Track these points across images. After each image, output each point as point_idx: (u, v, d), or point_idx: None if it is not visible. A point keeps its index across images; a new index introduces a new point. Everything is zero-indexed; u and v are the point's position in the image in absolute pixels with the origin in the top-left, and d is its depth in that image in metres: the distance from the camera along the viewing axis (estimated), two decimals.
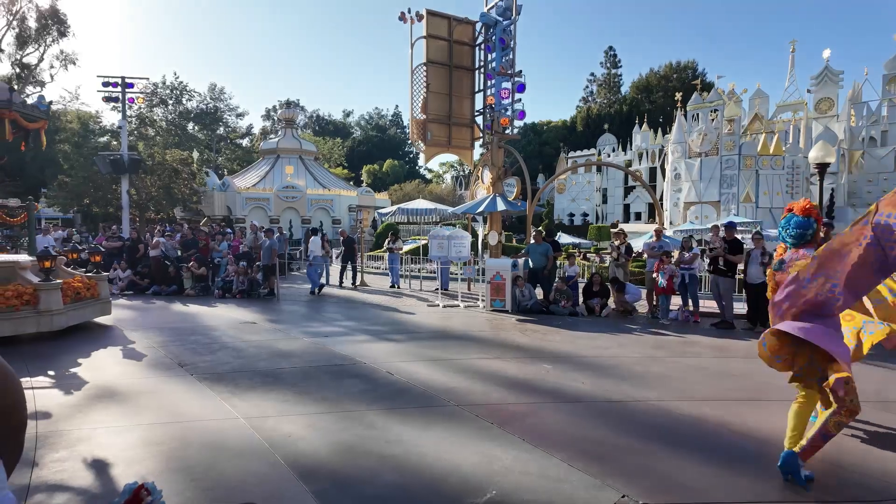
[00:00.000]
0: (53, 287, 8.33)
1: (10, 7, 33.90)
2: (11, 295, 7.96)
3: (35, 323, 8.11)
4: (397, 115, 72.37)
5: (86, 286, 9.18)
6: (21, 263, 8.75)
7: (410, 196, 38.05)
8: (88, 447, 4.17)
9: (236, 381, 5.98)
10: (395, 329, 9.15)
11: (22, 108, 8.90)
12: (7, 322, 7.82)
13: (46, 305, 8.18)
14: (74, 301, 8.76)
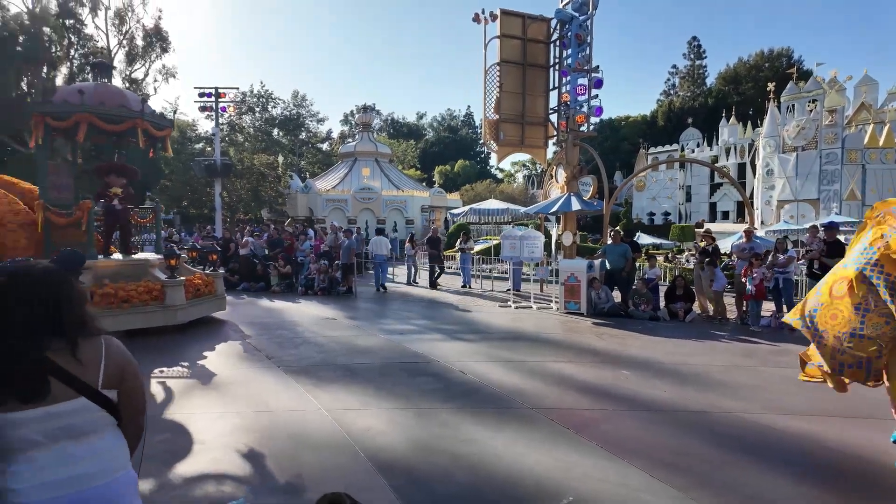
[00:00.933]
0: (178, 284, 8.85)
1: (121, 28, 37.57)
2: (143, 291, 8.56)
3: (162, 317, 8.63)
4: (469, 116, 72.70)
5: (204, 283, 9.68)
6: (151, 262, 9.36)
7: (482, 196, 38.08)
8: (188, 431, 4.56)
9: (318, 374, 6.29)
10: (466, 329, 9.22)
11: (151, 117, 9.44)
12: (139, 315, 8.41)
13: (172, 301, 8.70)
14: (195, 297, 9.26)
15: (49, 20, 34.55)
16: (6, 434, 1.64)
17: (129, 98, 9.43)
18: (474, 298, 12.99)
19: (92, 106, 8.67)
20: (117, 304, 8.19)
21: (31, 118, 8.89)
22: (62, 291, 1.80)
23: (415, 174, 47.73)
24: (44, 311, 1.72)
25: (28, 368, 1.65)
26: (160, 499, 3.44)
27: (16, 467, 1.64)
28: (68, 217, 8.85)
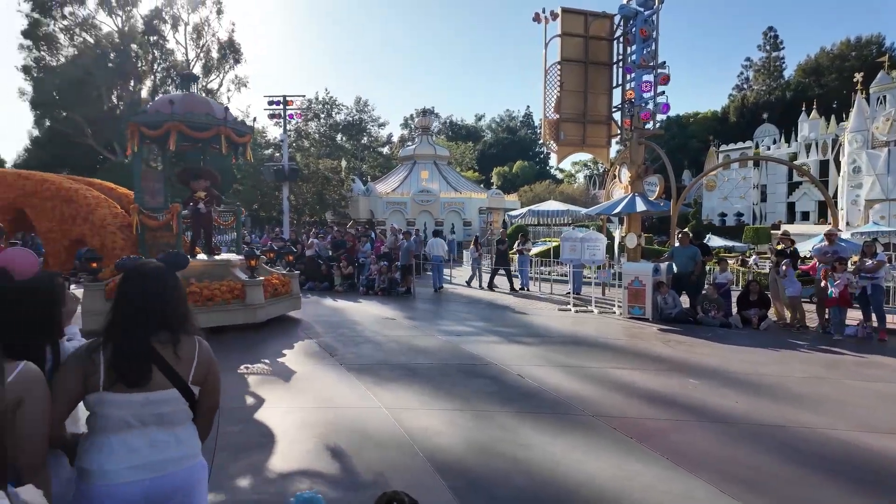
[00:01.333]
0: (257, 283, 9.18)
1: (198, 42, 40.09)
2: (225, 290, 8.93)
3: (242, 315, 8.95)
4: (528, 116, 71.94)
5: (281, 283, 9.97)
6: (232, 262, 9.74)
7: (541, 197, 37.55)
8: (257, 423, 4.79)
9: (379, 372, 6.44)
10: (524, 332, 9.13)
11: (233, 124, 9.86)
12: (221, 313, 8.75)
13: (252, 300, 9.02)
14: (273, 296, 9.54)
15: (136, 37, 37.39)
16: (108, 413, 1.81)
17: (214, 106, 9.96)
18: (532, 301, 12.84)
19: (181, 115, 9.20)
20: (202, 302, 8.59)
21: (128, 128, 9.53)
22: (170, 288, 1.97)
23: (473, 176, 47.79)
24: (155, 304, 1.90)
25: (139, 355, 1.82)
26: (230, 487, 3.64)
27: (109, 448, 1.80)
28: (160, 220, 9.45)
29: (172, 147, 9.44)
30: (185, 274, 8.60)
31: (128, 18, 37.21)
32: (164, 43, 38.89)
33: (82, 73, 34.71)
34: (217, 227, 10.68)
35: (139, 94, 38.62)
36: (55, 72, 35.76)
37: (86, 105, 34.92)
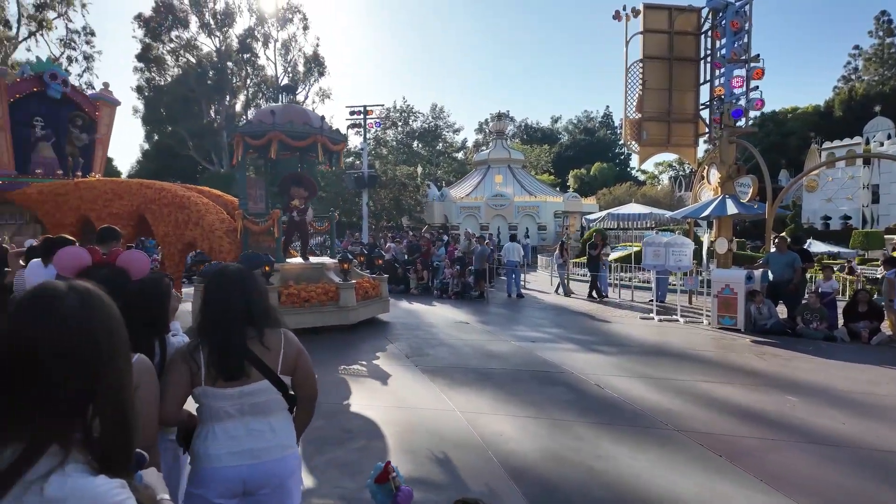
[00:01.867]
0: (350, 286, 9.43)
1: (286, 57, 42.60)
2: (321, 292, 9.23)
3: (336, 317, 9.24)
4: (607, 117, 69.71)
5: (372, 286, 10.22)
6: (327, 265, 10.08)
7: (621, 200, 36.20)
8: (339, 420, 4.97)
9: (452, 375, 6.48)
10: (603, 340, 8.82)
11: (329, 132, 10.21)
12: (317, 315, 9.08)
13: (345, 302, 9.30)
14: (364, 299, 9.79)
15: (232, 56, 40.37)
16: (210, 404, 2.00)
17: (311, 116, 10.38)
18: (611, 309, 12.38)
19: (281, 124, 9.65)
20: (300, 303, 8.99)
21: (234, 138, 10.17)
22: (250, 287, 2.10)
23: (548, 179, 46.99)
24: (239, 303, 2.03)
25: (233, 352, 1.97)
26: (312, 479, 3.80)
27: (213, 435, 1.99)
28: (262, 225, 9.97)
29: (273, 155, 9.91)
30: (284, 276, 9.45)
31: (225, 38, 40.28)
32: (255, 59, 41.71)
33: (186, 90, 38.04)
34: (311, 231, 11.13)
35: (234, 108, 41.66)
36: (163, 90, 39.44)
37: (188, 120, 38.19)
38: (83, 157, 13.87)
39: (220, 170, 38.38)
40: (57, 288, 1.03)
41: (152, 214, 10.65)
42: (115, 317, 1.08)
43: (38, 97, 13.04)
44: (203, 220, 10.15)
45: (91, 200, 11.01)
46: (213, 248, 9.96)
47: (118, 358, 1.05)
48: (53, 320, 0.98)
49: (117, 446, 1.01)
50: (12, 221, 12.49)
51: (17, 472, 0.90)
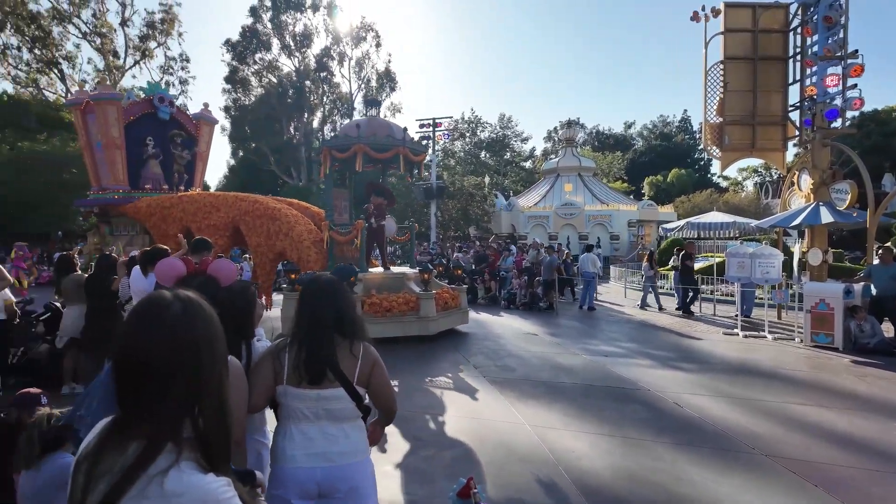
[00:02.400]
0: (430, 297, 9.46)
1: (360, 74, 44.30)
2: (402, 302, 9.32)
3: (416, 327, 9.26)
4: (685, 121, 66.55)
5: (451, 297, 10.22)
6: (408, 275, 10.20)
7: (701, 208, 34.33)
8: (410, 427, 5.06)
9: (521, 388, 6.41)
10: (682, 356, 8.38)
11: (411, 144, 10.49)
12: (398, 324, 9.16)
13: (425, 312, 9.33)
14: (443, 310, 9.81)
15: (310, 74, 42.54)
16: (289, 404, 2.12)
17: (394, 129, 10.63)
18: (692, 323, 11.75)
19: (366, 137, 10.00)
20: (382, 312, 9.13)
21: (321, 152, 10.53)
22: (341, 297, 2.21)
23: (621, 187, 45.49)
24: (328, 311, 2.14)
25: (318, 357, 2.07)
26: (382, 486, 3.89)
27: (290, 435, 2.11)
28: (346, 235, 10.28)
29: (359, 168, 10.18)
30: (366, 285, 9.70)
31: (303, 58, 42.56)
32: (331, 77, 43.72)
33: (268, 109, 40.50)
34: (392, 241, 11.27)
35: (311, 124, 43.82)
36: (247, 109, 42.23)
37: (270, 137, 40.61)
38: (186, 172, 14.93)
39: (298, 183, 40.41)
40: (163, 298, 1.13)
41: (246, 225, 11.18)
42: (215, 323, 1.16)
43: (148, 118, 14.15)
44: (292, 230, 10.53)
45: (192, 213, 11.73)
46: (301, 258, 10.33)
47: (218, 361, 1.13)
48: (161, 328, 1.07)
49: (218, 444, 1.10)
50: (125, 233, 13.60)
51: (141, 467, 0.99)
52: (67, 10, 35.56)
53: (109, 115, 13.33)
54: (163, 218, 12.14)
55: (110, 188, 13.67)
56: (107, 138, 13.43)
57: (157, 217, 12.23)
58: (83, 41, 36.87)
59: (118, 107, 13.50)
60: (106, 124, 13.33)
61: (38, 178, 25.12)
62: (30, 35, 34.29)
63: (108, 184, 13.79)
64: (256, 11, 41.32)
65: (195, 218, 11.63)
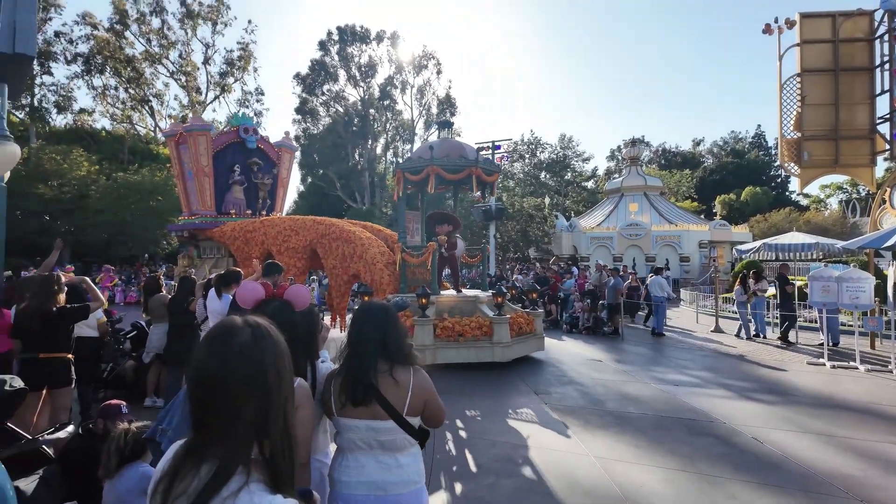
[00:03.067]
0: (504, 321, 9.01)
1: (421, 101, 45.51)
2: (475, 326, 8.93)
3: (490, 353, 8.82)
4: (759, 136, 63.17)
5: (526, 321, 9.72)
6: (480, 298, 9.81)
7: (779, 228, 32.26)
8: (472, 453, 5.00)
9: (586, 417, 6.19)
10: (761, 387, 7.81)
11: (484, 164, 10.36)
12: (471, 350, 8.81)
13: (499, 338, 8.89)
14: (518, 335, 9.34)
15: (374, 103, 44.19)
16: (343, 433, 2.15)
17: (466, 149, 10.61)
18: (772, 351, 10.97)
19: (439, 158, 9.98)
20: (454, 337, 8.82)
21: (395, 174, 10.70)
22: (390, 324, 2.21)
23: (691, 206, 43.61)
24: (375, 337, 2.15)
25: (359, 384, 2.08)
26: None
27: (346, 463, 2.13)
28: (419, 257, 10.22)
29: (431, 190, 10.18)
30: (438, 308, 9.54)
31: (368, 88, 44.34)
32: (394, 105, 45.22)
33: (334, 137, 42.35)
34: (464, 263, 11.28)
35: (374, 150, 45.35)
36: (315, 138, 44.34)
37: (336, 163, 42.39)
38: (269, 197, 15.56)
39: (362, 207, 41.73)
40: (234, 325, 1.18)
41: (322, 248, 11.39)
42: (283, 349, 1.21)
43: (235, 147, 14.96)
44: (366, 253, 10.62)
45: (273, 236, 12.11)
46: (374, 280, 10.34)
47: (285, 386, 1.17)
48: (231, 354, 1.12)
49: (285, 466, 1.14)
50: (212, 255, 14.35)
51: (214, 489, 1.03)
52: (158, 53, 39.07)
53: (200, 145, 14.15)
54: (246, 241, 12.61)
55: (199, 213, 14.42)
56: (197, 166, 14.22)
57: (241, 240, 12.71)
58: (171, 79, 40.36)
59: (208, 137, 14.28)
60: (196, 153, 14.13)
61: (130, 205, 27.43)
62: (126, 76, 37.90)
63: (197, 209, 14.54)
64: (325, 45, 43.62)
65: (275, 241, 12.01)
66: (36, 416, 4.47)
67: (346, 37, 43.37)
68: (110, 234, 27.37)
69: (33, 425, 4.34)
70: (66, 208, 27.39)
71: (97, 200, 27.10)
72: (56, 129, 36.93)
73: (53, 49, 35.10)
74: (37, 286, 4.51)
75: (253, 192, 15.21)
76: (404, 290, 10.13)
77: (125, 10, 37.12)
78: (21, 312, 4.49)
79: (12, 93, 6.78)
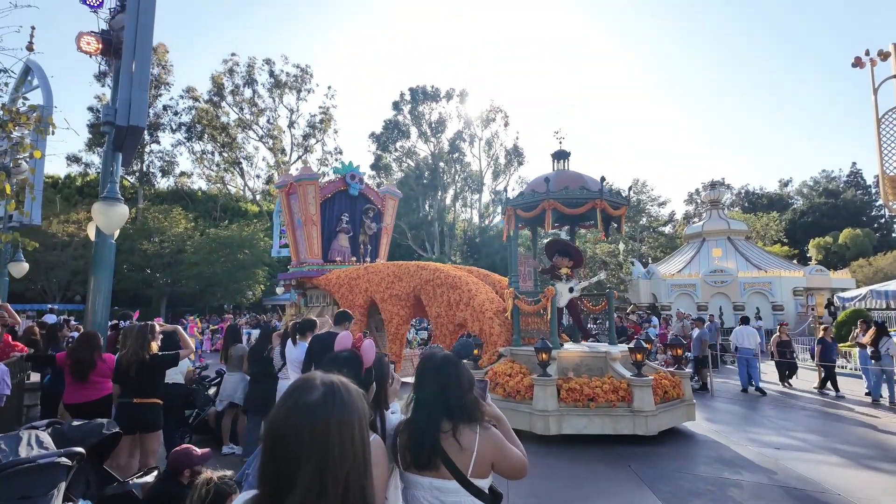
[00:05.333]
0: (647, 384, 7.36)
1: (489, 152, 46.51)
2: (609, 389, 7.34)
3: (630, 423, 7.19)
4: (855, 174, 58.49)
5: (672, 384, 7.96)
6: (612, 354, 7.97)
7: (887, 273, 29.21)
8: None
9: (678, 482, 5.66)
10: (880, 454, 6.84)
11: (609, 195, 8.92)
12: (605, 419, 7.21)
13: (640, 404, 7.21)
14: (662, 401, 7.59)
15: (444, 156, 45.66)
16: (409, 490, 2.04)
17: (587, 180, 9.07)
18: (885, 413, 9.66)
19: (555, 192, 8.73)
20: (583, 402, 7.29)
21: (505, 211, 9.49)
22: (451, 376, 2.07)
23: (781, 251, 40.63)
24: (437, 392, 2.03)
25: (421, 441, 1.97)
26: None
27: None
28: (535, 304, 8.83)
29: (548, 227, 8.98)
30: (561, 365, 7.95)
31: (438, 143, 46.02)
32: (462, 157, 46.49)
33: (407, 190, 43.93)
34: (583, 311, 9.91)
35: (444, 201, 46.44)
36: None
37: (407, 215, 43.73)
38: (370, 243, 15.38)
39: (431, 256, 42.44)
40: (308, 383, 1.18)
41: (427, 295, 10.70)
42: (354, 415, 1.16)
43: (341, 195, 14.91)
44: (473, 300, 9.74)
45: (377, 283, 11.78)
46: (482, 330, 9.40)
47: (349, 451, 1.12)
48: (298, 413, 1.12)
49: None
50: (318, 304, 14.12)
51: None
52: (249, 119, 42.95)
53: (308, 194, 14.13)
54: (350, 289, 12.43)
55: (307, 262, 14.23)
56: (305, 215, 14.19)
57: (345, 288, 12.54)
58: (259, 143, 44.04)
59: (316, 186, 14.30)
60: (305, 202, 14.13)
61: (220, 258, 29.59)
62: (220, 142, 41.82)
63: (305, 258, 14.39)
64: (398, 105, 46.10)
65: (378, 288, 11.72)
66: (128, 459, 4.74)
67: (418, 96, 45.64)
68: (202, 285, 29.52)
69: (125, 467, 4.58)
70: (165, 262, 29.98)
71: (192, 254, 29.49)
72: (160, 191, 41.05)
73: (161, 120, 39.53)
74: (135, 335, 4.87)
75: (356, 239, 15.09)
76: (517, 341, 8.97)
77: (222, 84, 41.39)
78: (120, 359, 4.85)
79: (125, 160, 7.63)
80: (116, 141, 6.93)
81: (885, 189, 11.11)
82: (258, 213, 41.12)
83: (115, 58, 7.34)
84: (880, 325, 11.48)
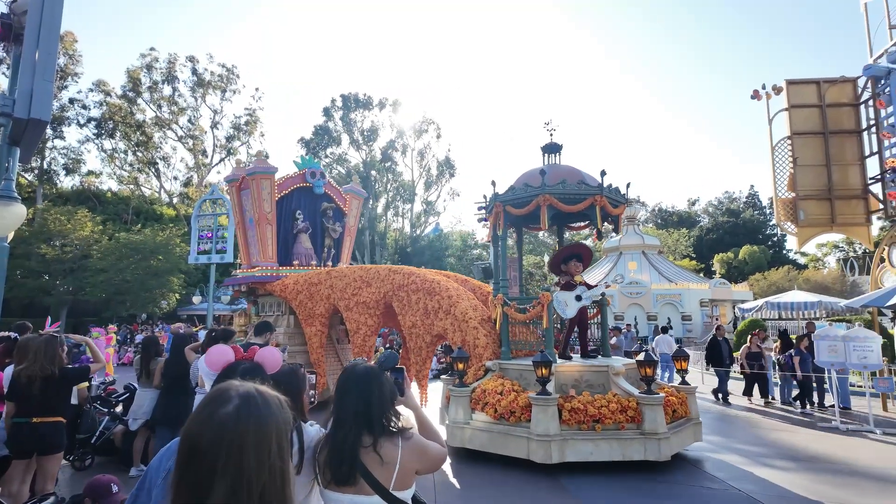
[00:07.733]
0: (658, 402, 6.48)
1: (421, 163, 46.78)
2: (615, 408, 6.43)
3: (641, 448, 6.30)
4: (753, 196, 64.56)
5: (679, 401, 7.16)
6: (615, 369, 7.05)
7: (779, 286, 32.31)
8: None
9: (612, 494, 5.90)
10: (775, 452, 7.51)
11: (609, 192, 7.92)
12: (613, 443, 6.31)
13: (652, 425, 6.37)
14: (672, 420, 6.84)
15: (375, 165, 45.35)
16: None
17: (585, 175, 8.19)
18: (777, 412, 10.64)
19: (552, 185, 7.76)
20: (588, 423, 6.39)
21: (493, 209, 8.41)
22: (372, 389, 1.99)
23: (689, 265, 43.83)
24: (358, 406, 1.96)
25: (340, 456, 1.90)
26: None
27: None
28: (527, 313, 7.85)
29: (544, 225, 7.94)
30: (559, 381, 6.96)
31: (370, 151, 45.68)
32: (395, 167, 46.44)
33: None
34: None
35: (375, 210, 46.07)
36: None
37: None
38: (334, 247, 13.76)
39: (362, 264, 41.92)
40: (222, 394, 1.14)
41: (400, 302, 9.42)
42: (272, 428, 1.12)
43: (300, 192, 13.21)
44: (455, 307, 8.50)
45: (341, 289, 10.41)
46: (466, 341, 8.26)
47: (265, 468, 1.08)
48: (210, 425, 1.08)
49: None
50: (271, 313, 12.36)
51: None
52: (168, 118, 40.52)
53: (263, 190, 12.40)
54: (309, 296, 10.96)
55: (260, 265, 12.47)
56: (259, 213, 12.45)
57: (304, 295, 11.04)
58: (178, 143, 41.62)
59: (272, 181, 12.55)
60: (259, 198, 12.42)
61: (131, 265, 27.50)
62: (135, 140, 39.10)
63: (257, 261, 12.60)
64: (329, 111, 45.34)
65: (343, 295, 10.33)
66: (20, 486, 4.27)
67: (350, 104, 45.16)
68: (109, 293, 27.28)
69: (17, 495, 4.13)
70: (67, 268, 27.45)
71: (98, 260, 27.21)
72: (63, 191, 37.67)
73: (67, 114, 36.40)
74: (39, 347, 4.39)
75: (319, 240, 13.48)
76: (507, 354, 7.87)
77: (139, 79, 38.82)
78: (19, 374, 4.35)
79: (24, 156, 6.93)
80: (14, 135, 6.29)
81: (779, 210, 12.34)
82: (175, 218, 38.70)
83: (14, 44, 6.69)
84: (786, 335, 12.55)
